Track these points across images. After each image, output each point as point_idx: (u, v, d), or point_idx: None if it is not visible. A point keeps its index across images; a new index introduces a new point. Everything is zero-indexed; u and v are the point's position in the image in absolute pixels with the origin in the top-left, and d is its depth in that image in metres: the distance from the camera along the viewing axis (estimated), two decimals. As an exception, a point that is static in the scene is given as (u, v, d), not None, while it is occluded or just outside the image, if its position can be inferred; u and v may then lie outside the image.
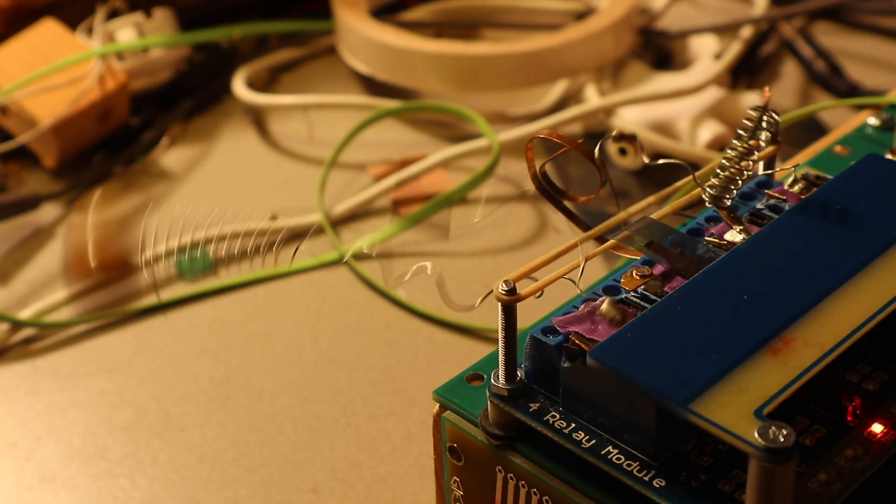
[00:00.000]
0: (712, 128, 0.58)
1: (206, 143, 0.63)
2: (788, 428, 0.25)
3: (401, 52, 0.62)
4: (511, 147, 0.58)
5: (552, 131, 0.33)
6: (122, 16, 0.64)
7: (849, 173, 0.34)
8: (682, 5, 0.73)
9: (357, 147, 0.61)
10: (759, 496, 0.26)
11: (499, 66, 0.61)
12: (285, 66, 0.69)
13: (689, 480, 0.29)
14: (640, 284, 0.32)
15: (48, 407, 0.47)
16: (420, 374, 0.47)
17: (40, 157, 0.60)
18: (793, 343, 0.28)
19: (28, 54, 0.60)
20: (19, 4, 0.63)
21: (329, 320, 0.51)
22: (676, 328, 0.29)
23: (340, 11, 0.65)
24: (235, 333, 0.50)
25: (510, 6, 0.72)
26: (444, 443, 0.33)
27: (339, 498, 0.42)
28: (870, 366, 0.32)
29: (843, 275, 0.30)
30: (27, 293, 0.53)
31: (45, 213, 0.58)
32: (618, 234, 0.33)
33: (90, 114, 0.59)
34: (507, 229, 0.55)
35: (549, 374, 0.31)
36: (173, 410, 0.46)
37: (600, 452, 0.30)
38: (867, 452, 0.30)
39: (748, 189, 0.35)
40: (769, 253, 0.31)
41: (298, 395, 0.47)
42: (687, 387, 0.27)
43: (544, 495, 0.31)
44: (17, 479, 0.44)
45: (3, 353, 0.50)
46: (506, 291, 0.30)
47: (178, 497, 0.43)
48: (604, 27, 0.62)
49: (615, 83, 0.64)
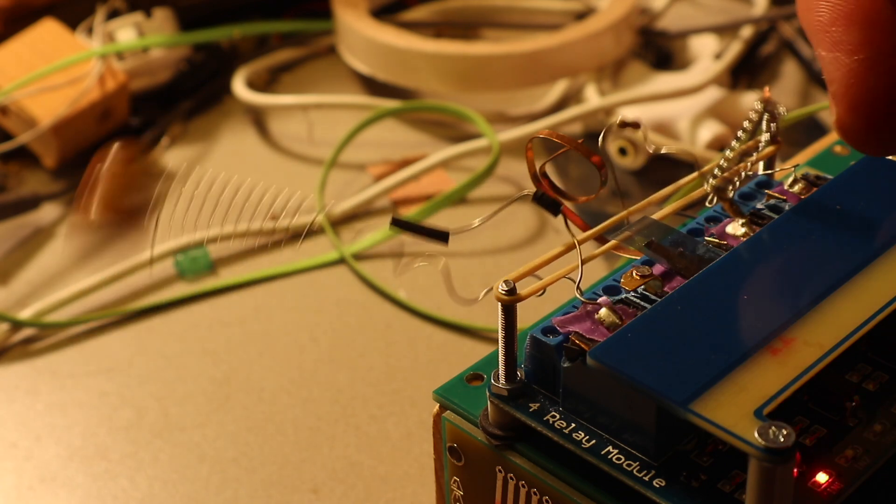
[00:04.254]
0: (712, 128, 0.58)
1: (206, 143, 0.63)
2: (788, 428, 0.25)
3: (401, 52, 0.62)
4: (511, 147, 0.58)
5: (552, 131, 0.33)
6: (122, 16, 0.64)
7: (849, 173, 0.34)
8: (682, 5, 0.73)
9: (357, 147, 0.61)
10: (759, 496, 0.26)
11: (499, 66, 0.61)
12: (285, 66, 0.69)
13: (689, 480, 0.29)
14: (640, 284, 0.32)
15: (48, 407, 0.47)
16: (420, 374, 0.47)
17: (40, 157, 0.60)
18: (793, 343, 0.28)
19: (28, 54, 0.60)
20: (19, 4, 0.63)
21: (329, 320, 0.51)
22: (676, 328, 0.29)
23: (340, 11, 0.65)
24: (235, 333, 0.50)
25: (510, 6, 0.72)
26: (444, 443, 0.33)
27: (339, 498, 0.42)
28: (870, 366, 0.32)
29: (843, 275, 0.30)
30: (27, 293, 0.53)
31: (45, 213, 0.58)
32: (618, 234, 0.33)
33: (90, 114, 0.59)
34: (507, 229, 0.55)
35: (549, 374, 0.31)
36: (173, 410, 0.46)
37: (600, 452, 0.30)
38: (867, 452, 0.30)
39: (748, 189, 0.35)
40: (769, 253, 0.31)
41: (298, 395, 0.47)
42: (687, 387, 0.27)
43: (544, 495, 0.31)
44: (17, 479, 0.44)
45: (3, 353, 0.50)
46: (506, 291, 0.30)
47: (178, 497, 0.43)
48: (604, 27, 0.62)
49: (615, 83, 0.64)
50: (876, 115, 0.29)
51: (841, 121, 0.29)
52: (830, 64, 0.29)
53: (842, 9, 0.29)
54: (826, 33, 0.29)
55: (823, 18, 0.29)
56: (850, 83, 0.29)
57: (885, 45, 0.28)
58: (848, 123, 0.29)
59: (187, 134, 0.64)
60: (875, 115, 0.29)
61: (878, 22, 0.29)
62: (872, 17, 0.29)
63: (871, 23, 0.29)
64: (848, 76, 0.29)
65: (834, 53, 0.29)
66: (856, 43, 0.29)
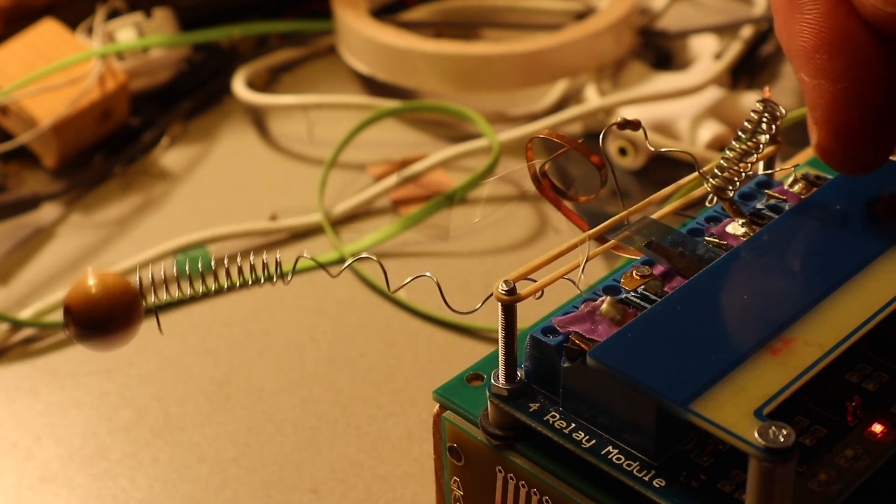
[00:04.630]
0: (712, 128, 0.58)
1: (206, 143, 0.63)
2: (788, 428, 0.25)
3: (401, 52, 0.62)
4: (511, 147, 0.58)
5: (552, 131, 0.33)
6: (122, 16, 0.64)
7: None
8: (682, 5, 0.73)
9: (357, 147, 0.61)
10: (759, 496, 0.26)
11: (499, 66, 0.61)
12: (285, 66, 0.69)
13: (689, 480, 0.29)
14: (640, 284, 0.32)
15: (48, 407, 0.47)
16: (420, 374, 0.47)
17: (40, 157, 0.60)
18: (793, 343, 0.28)
19: (28, 54, 0.60)
20: (19, 4, 0.63)
21: (329, 320, 0.51)
22: (676, 328, 0.29)
23: (340, 11, 0.65)
24: (235, 333, 0.50)
25: (510, 6, 0.72)
26: (444, 443, 0.33)
27: (339, 498, 0.42)
28: (870, 366, 0.32)
29: (842, 275, 0.30)
30: (27, 293, 0.53)
31: (45, 213, 0.58)
32: (618, 234, 0.33)
33: (90, 114, 0.59)
34: (507, 229, 0.55)
35: (549, 374, 0.31)
36: (173, 410, 0.46)
37: (600, 452, 0.30)
38: (867, 452, 0.30)
39: (748, 189, 0.35)
40: (769, 253, 0.31)
41: (298, 395, 0.47)
42: (687, 387, 0.27)
43: (544, 495, 0.31)
44: (17, 479, 0.44)
45: (3, 353, 0.50)
46: (506, 291, 0.30)
47: (178, 497, 0.43)
48: (604, 27, 0.62)
49: (615, 83, 0.64)
50: (855, 141, 0.30)
51: (822, 145, 0.30)
52: (814, 90, 0.30)
53: (826, 36, 0.30)
54: (810, 59, 0.30)
55: (807, 44, 0.30)
56: (833, 111, 0.30)
57: (868, 75, 0.30)
58: (829, 148, 0.30)
59: (187, 134, 0.64)
60: (855, 142, 0.30)
61: (861, 51, 0.30)
62: (856, 46, 0.29)
63: (854, 52, 0.29)
64: (832, 104, 0.30)
65: (818, 80, 0.30)
66: (839, 71, 0.30)
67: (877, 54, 0.30)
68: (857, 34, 0.30)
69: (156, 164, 0.61)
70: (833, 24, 0.30)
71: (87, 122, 0.59)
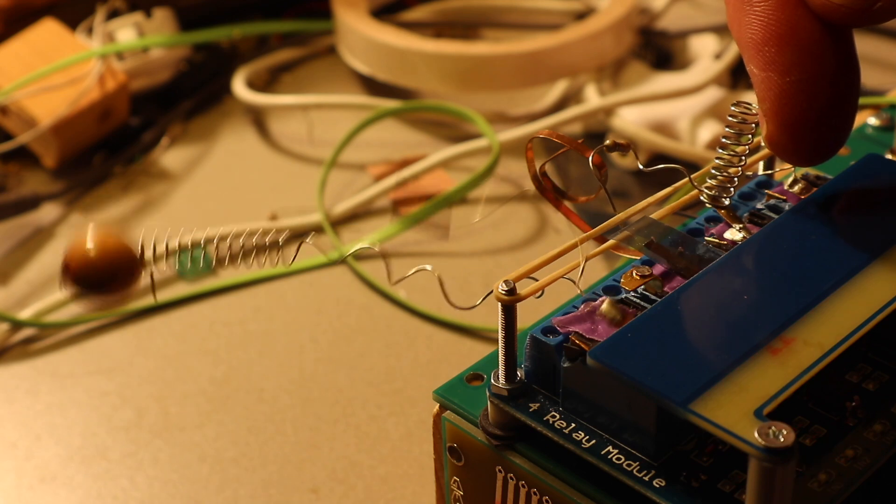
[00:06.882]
0: (712, 128, 0.58)
1: (206, 143, 0.63)
2: (788, 428, 0.26)
3: (401, 52, 0.62)
4: (511, 147, 0.58)
5: (552, 131, 0.33)
6: (122, 16, 0.64)
7: (849, 173, 0.34)
8: (682, 5, 0.73)
9: (357, 147, 0.61)
10: (759, 496, 0.26)
11: (499, 66, 0.61)
12: (285, 66, 0.69)
13: (689, 480, 0.29)
14: (640, 284, 0.32)
15: (48, 407, 0.47)
16: (420, 374, 0.47)
17: (40, 157, 0.60)
18: (793, 343, 0.28)
19: (28, 54, 0.60)
20: (19, 4, 0.63)
21: (329, 320, 0.51)
22: (676, 328, 0.29)
23: (340, 11, 0.65)
24: (235, 333, 0.50)
25: (510, 6, 0.72)
26: (444, 443, 0.33)
27: (339, 498, 0.42)
28: (870, 366, 0.32)
29: (843, 275, 0.30)
30: (27, 293, 0.53)
31: (45, 213, 0.58)
32: (618, 234, 0.33)
33: (90, 114, 0.59)
34: (507, 229, 0.55)
35: (549, 374, 0.31)
36: (173, 410, 0.46)
37: (600, 452, 0.30)
38: (867, 452, 0.30)
39: (748, 189, 0.35)
40: (769, 253, 0.31)
41: (298, 395, 0.47)
42: (687, 387, 0.27)
43: (544, 495, 0.31)
44: (17, 479, 0.44)
45: (3, 353, 0.50)
46: (506, 291, 0.30)
47: (178, 497, 0.43)
48: (604, 27, 0.62)
49: (615, 83, 0.64)
50: (804, 133, 0.30)
51: (771, 137, 0.31)
52: (763, 83, 0.30)
53: (775, 29, 0.30)
54: (759, 52, 0.30)
55: (756, 36, 0.30)
56: (782, 103, 0.30)
57: (816, 68, 0.30)
58: (778, 139, 0.30)
59: (187, 134, 0.64)
60: (803, 133, 0.30)
61: (809, 44, 0.30)
62: (804, 39, 0.30)
63: (802, 45, 0.30)
64: (780, 96, 0.30)
65: (767, 73, 0.30)
66: (788, 64, 0.30)
67: (825, 47, 0.30)
68: (805, 27, 0.30)
69: (156, 164, 0.61)
70: (782, 16, 0.30)
71: (87, 122, 0.59)
